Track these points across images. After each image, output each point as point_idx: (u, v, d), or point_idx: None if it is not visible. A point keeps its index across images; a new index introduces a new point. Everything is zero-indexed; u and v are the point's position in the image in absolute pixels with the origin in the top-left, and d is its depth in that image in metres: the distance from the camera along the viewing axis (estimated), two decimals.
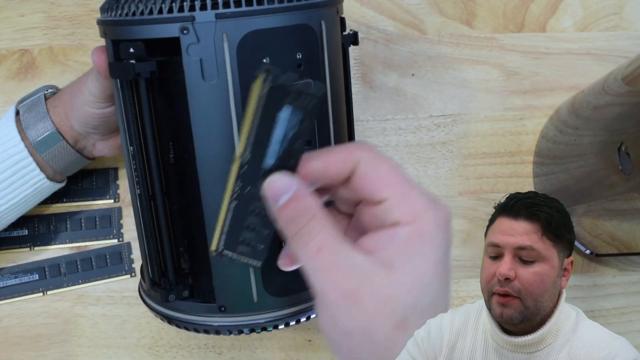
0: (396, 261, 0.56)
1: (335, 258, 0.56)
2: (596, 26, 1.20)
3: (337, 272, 0.56)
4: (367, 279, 0.56)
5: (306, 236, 0.57)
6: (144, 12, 0.74)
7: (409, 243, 0.56)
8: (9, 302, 1.13)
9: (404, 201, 0.57)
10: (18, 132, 0.98)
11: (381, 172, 0.58)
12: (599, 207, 1.04)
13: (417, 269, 0.56)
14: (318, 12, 0.78)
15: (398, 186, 0.58)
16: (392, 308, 0.56)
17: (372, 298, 0.55)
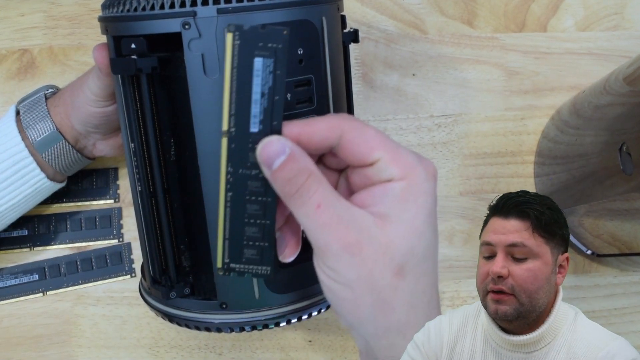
0: (392, 213, 0.60)
1: (334, 213, 0.59)
2: (597, 26, 1.20)
3: (338, 225, 0.59)
4: (366, 230, 0.59)
5: (305, 194, 0.59)
6: (146, 8, 0.74)
7: (403, 196, 0.60)
8: (9, 302, 1.13)
9: (396, 159, 0.60)
10: (18, 131, 0.98)
11: (369, 136, 0.61)
12: (600, 207, 1.04)
13: (412, 218, 0.60)
14: (319, 8, 0.78)
15: (387, 147, 0.60)
16: (390, 255, 0.60)
17: (371, 247, 0.59)
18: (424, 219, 0.61)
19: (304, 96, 0.77)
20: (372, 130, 0.61)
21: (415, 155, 0.62)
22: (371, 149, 0.60)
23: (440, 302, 0.70)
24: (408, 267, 0.61)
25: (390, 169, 0.60)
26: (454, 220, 1.19)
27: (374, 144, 0.60)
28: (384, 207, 0.60)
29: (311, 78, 0.78)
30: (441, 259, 1.18)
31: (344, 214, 0.59)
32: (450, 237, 1.19)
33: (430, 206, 0.62)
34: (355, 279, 0.60)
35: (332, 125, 0.61)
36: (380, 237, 0.59)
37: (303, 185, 0.59)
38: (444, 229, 1.19)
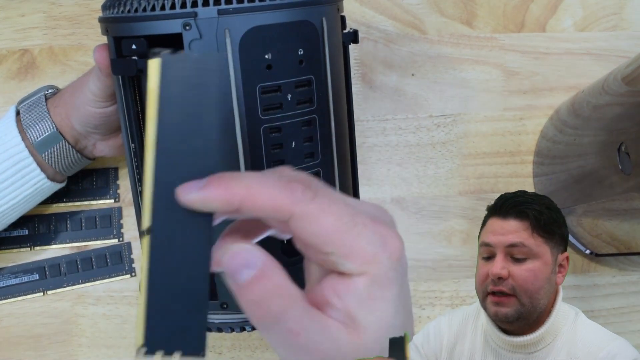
0: (359, 315, 0.54)
1: (312, 338, 0.53)
2: (596, 26, 1.20)
3: (317, 351, 0.54)
4: (337, 343, 0.54)
5: (281, 321, 0.52)
6: (147, 9, 0.75)
7: (367, 294, 0.54)
8: (9, 302, 1.13)
9: (351, 253, 0.53)
10: (18, 132, 0.98)
11: (316, 228, 0.52)
12: (599, 207, 1.04)
13: (381, 317, 0.55)
14: (319, 9, 0.78)
15: (339, 239, 0.53)
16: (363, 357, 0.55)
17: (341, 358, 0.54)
18: (392, 311, 0.55)
19: (305, 97, 0.77)
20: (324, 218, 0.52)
21: (375, 240, 0.54)
22: (321, 241, 0.52)
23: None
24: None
25: (346, 264, 0.53)
26: (453, 220, 1.19)
27: (324, 236, 0.52)
28: (350, 308, 0.54)
29: (311, 78, 0.78)
30: (440, 259, 1.19)
31: (320, 336, 0.53)
32: (449, 237, 1.19)
33: (397, 293, 0.55)
34: None
35: (276, 208, 0.52)
36: (352, 348, 0.54)
37: (275, 310, 0.51)
38: (443, 229, 1.19)
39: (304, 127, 0.77)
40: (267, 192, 0.52)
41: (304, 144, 0.78)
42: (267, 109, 0.75)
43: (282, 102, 0.76)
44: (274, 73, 0.75)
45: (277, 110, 0.75)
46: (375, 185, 1.18)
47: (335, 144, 0.82)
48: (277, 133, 0.76)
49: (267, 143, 0.76)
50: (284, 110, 0.76)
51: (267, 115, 0.75)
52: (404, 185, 1.18)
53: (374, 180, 1.18)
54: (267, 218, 0.54)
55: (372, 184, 1.18)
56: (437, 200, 1.19)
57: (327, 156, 0.81)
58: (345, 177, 0.85)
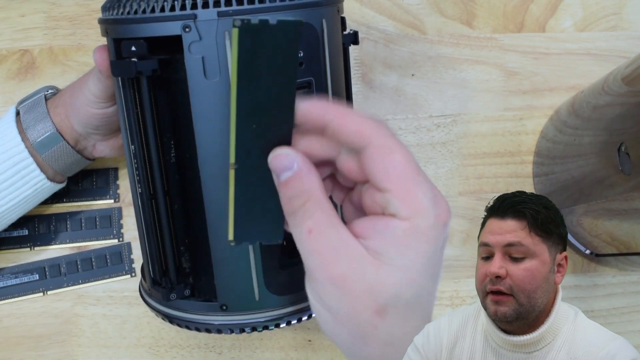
0: (388, 253, 0.57)
1: (326, 242, 0.58)
2: (596, 26, 1.20)
3: (327, 255, 0.57)
4: (356, 265, 0.57)
5: (300, 217, 0.58)
6: (146, 11, 0.74)
7: (403, 238, 0.57)
8: (9, 302, 1.13)
9: (406, 197, 0.57)
10: (18, 132, 0.98)
11: (388, 162, 0.57)
12: (599, 207, 1.04)
13: (406, 265, 0.57)
14: (319, 11, 0.78)
15: (403, 180, 0.57)
16: (375, 295, 0.57)
17: (358, 284, 0.57)
18: (421, 267, 0.58)
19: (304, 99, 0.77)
20: (397, 155, 0.57)
21: (431, 196, 0.58)
22: (386, 176, 0.57)
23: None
24: (390, 309, 0.58)
25: (397, 205, 0.57)
26: (453, 220, 1.19)
27: (391, 172, 0.57)
28: (381, 245, 0.57)
29: (311, 81, 0.78)
30: None
31: (336, 245, 0.57)
32: (449, 237, 1.18)
33: (431, 254, 0.58)
34: (336, 308, 0.59)
35: (361, 133, 0.58)
36: (367, 275, 0.57)
37: (301, 207, 0.58)
38: None
39: None
40: (356, 118, 0.58)
41: None
42: None
43: None
44: None
45: None
46: None
47: None
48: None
49: None
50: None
51: None
52: None
53: None
54: (346, 142, 0.58)
55: None
56: None
57: None
58: None
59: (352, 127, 0.58)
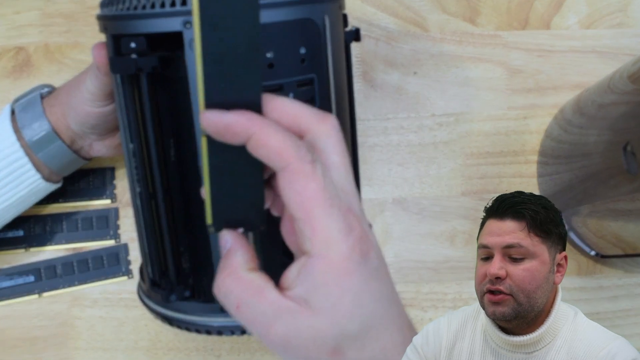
0: (313, 299, 0.56)
1: (254, 312, 0.57)
2: (601, 24, 1.20)
3: (262, 323, 0.57)
4: (292, 321, 0.56)
5: (223, 295, 0.59)
6: (146, 6, 0.73)
7: (321, 278, 0.56)
8: (4, 304, 1.12)
9: (315, 228, 0.55)
10: (14, 131, 0.97)
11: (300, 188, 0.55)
12: (604, 207, 1.04)
13: (334, 305, 0.56)
14: (321, 7, 0.77)
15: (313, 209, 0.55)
16: (321, 343, 0.56)
17: (300, 339, 0.56)
18: (352, 301, 0.56)
19: (306, 96, 0.77)
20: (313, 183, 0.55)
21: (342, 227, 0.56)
22: (298, 205, 0.55)
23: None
24: (344, 346, 0.57)
25: (308, 240, 0.56)
26: (455, 221, 1.18)
27: (303, 199, 0.55)
28: (305, 291, 0.56)
29: (314, 77, 0.77)
30: (443, 260, 1.18)
31: (266, 310, 0.56)
32: (452, 238, 1.18)
33: (359, 286, 0.56)
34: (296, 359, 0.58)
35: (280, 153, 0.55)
36: (305, 327, 0.56)
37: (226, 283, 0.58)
38: (446, 230, 1.18)
39: None
40: (278, 136, 0.55)
41: None
42: None
43: None
44: (275, 72, 0.74)
45: None
46: (377, 185, 1.17)
47: None
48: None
49: None
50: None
51: None
52: (405, 186, 1.17)
53: (375, 181, 1.17)
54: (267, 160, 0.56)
55: (373, 184, 1.17)
56: (439, 201, 1.18)
57: None
58: None
59: (272, 146, 0.55)
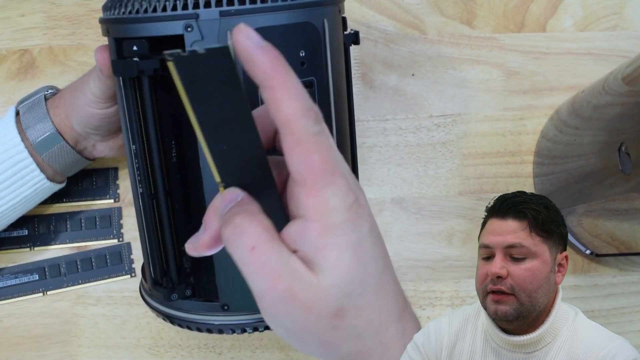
0: (314, 260, 0.56)
1: (268, 259, 0.55)
2: (596, 26, 1.20)
3: (272, 273, 0.55)
4: (297, 277, 0.56)
5: (238, 235, 0.56)
6: (148, 10, 0.74)
7: (318, 240, 0.55)
8: (9, 302, 1.13)
9: (313, 196, 0.55)
10: (18, 132, 0.98)
11: (304, 157, 0.55)
12: (599, 207, 1.04)
13: (334, 265, 0.56)
14: (321, 11, 0.78)
15: (314, 179, 0.55)
16: (324, 302, 0.56)
17: (304, 295, 0.56)
18: (351, 259, 0.56)
19: None
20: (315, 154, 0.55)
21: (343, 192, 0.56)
22: (298, 171, 0.55)
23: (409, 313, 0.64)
24: (346, 308, 0.57)
25: (305, 207, 0.56)
26: (453, 220, 1.19)
27: (306, 168, 0.55)
28: (307, 252, 0.56)
29: (313, 80, 0.78)
30: (440, 259, 1.19)
31: (278, 260, 0.55)
32: (449, 237, 1.19)
33: (356, 243, 0.56)
34: (294, 327, 0.57)
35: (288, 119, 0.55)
36: (310, 285, 0.55)
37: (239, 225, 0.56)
38: (443, 229, 1.19)
39: None
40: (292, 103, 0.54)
41: None
42: None
43: None
44: None
45: None
46: (375, 185, 1.18)
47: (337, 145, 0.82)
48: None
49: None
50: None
51: None
52: (404, 186, 1.18)
53: (374, 181, 1.18)
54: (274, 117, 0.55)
55: (372, 184, 1.18)
56: (437, 201, 1.19)
57: None
58: None
59: (284, 111, 0.55)
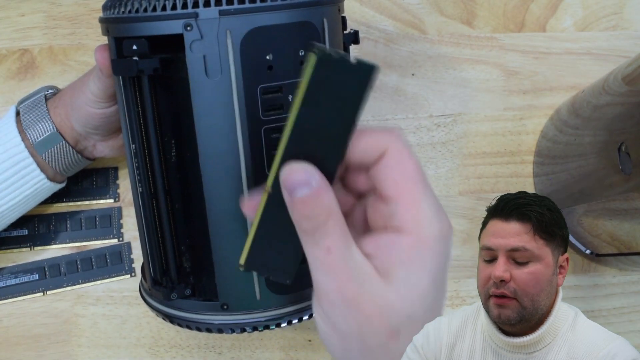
0: (395, 272, 0.55)
1: (342, 261, 0.55)
2: (596, 26, 1.20)
3: (342, 275, 0.55)
4: (367, 285, 0.55)
5: (319, 236, 0.55)
6: (148, 9, 0.74)
7: (409, 254, 0.55)
8: (9, 302, 1.13)
9: (411, 208, 0.55)
10: (18, 132, 0.98)
11: (401, 169, 0.56)
12: (599, 207, 1.04)
13: (415, 282, 0.56)
14: (320, 10, 0.78)
15: (411, 190, 0.56)
16: (387, 317, 0.56)
17: (369, 305, 0.55)
18: (429, 282, 0.56)
19: None
20: (410, 163, 0.56)
21: (434, 210, 0.56)
22: (396, 184, 0.56)
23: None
24: (403, 330, 0.56)
25: (402, 217, 0.55)
26: (453, 220, 1.17)
27: (402, 180, 0.56)
28: (389, 263, 0.55)
29: None
30: None
31: (352, 265, 0.55)
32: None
33: (438, 269, 0.56)
34: (348, 331, 0.57)
35: (377, 142, 0.56)
36: (379, 296, 0.55)
37: (321, 225, 0.55)
38: None
39: None
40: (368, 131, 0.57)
41: None
42: (268, 109, 0.75)
43: (283, 103, 0.75)
44: (275, 74, 0.75)
45: (278, 111, 0.75)
46: None
47: None
48: (278, 134, 0.75)
49: (268, 144, 0.76)
50: (285, 111, 0.75)
51: (268, 116, 0.75)
52: None
53: None
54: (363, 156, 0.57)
55: None
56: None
57: None
58: None
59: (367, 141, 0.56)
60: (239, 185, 0.76)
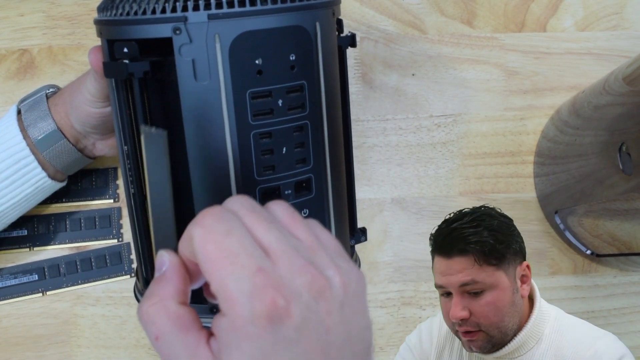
0: (220, 354, 0.53)
1: (170, 350, 0.55)
2: (597, 26, 1.20)
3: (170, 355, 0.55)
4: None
5: (146, 322, 0.56)
6: (138, 12, 0.74)
7: (226, 336, 0.53)
8: (8, 302, 1.13)
9: (219, 289, 0.52)
10: (20, 130, 0.98)
11: (203, 253, 0.54)
12: (600, 207, 1.04)
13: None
14: (312, 14, 0.78)
15: (215, 269, 0.53)
16: None
17: None
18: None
19: (297, 102, 0.77)
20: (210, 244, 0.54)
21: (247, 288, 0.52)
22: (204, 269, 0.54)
23: None
24: None
25: (218, 298, 0.53)
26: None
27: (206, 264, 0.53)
28: (221, 344, 0.53)
29: (303, 84, 0.77)
30: None
31: (181, 351, 0.54)
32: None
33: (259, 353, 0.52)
34: None
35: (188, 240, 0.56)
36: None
37: (150, 312, 0.55)
38: None
39: (295, 133, 0.77)
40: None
41: (295, 149, 0.77)
42: (257, 114, 0.75)
43: (272, 108, 0.75)
44: (264, 78, 0.74)
45: (267, 116, 0.75)
46: (376, 185, 1.18)
47: (329, 150, 0.81)
48: (267, 139, 0.75)
49: (257, 149, 0.75)
50: (275, 116, 0.75)
51: (257, 121, 0.75)
52: (404, 186, 1.18)
53: (374, 181, 1.18)
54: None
55: (372, 184, 1.18)
56: (438, 201, 1.18)
57: (319, 162, 0.80)
58: (339, 182, 0.84)
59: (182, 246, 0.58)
60: (227, 188, 0.76)
